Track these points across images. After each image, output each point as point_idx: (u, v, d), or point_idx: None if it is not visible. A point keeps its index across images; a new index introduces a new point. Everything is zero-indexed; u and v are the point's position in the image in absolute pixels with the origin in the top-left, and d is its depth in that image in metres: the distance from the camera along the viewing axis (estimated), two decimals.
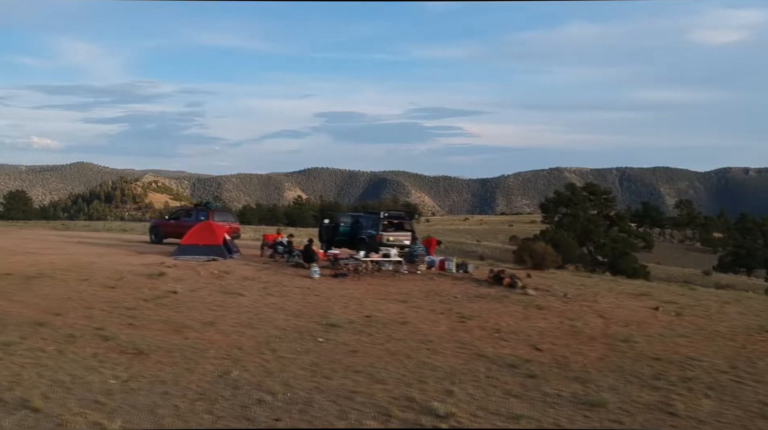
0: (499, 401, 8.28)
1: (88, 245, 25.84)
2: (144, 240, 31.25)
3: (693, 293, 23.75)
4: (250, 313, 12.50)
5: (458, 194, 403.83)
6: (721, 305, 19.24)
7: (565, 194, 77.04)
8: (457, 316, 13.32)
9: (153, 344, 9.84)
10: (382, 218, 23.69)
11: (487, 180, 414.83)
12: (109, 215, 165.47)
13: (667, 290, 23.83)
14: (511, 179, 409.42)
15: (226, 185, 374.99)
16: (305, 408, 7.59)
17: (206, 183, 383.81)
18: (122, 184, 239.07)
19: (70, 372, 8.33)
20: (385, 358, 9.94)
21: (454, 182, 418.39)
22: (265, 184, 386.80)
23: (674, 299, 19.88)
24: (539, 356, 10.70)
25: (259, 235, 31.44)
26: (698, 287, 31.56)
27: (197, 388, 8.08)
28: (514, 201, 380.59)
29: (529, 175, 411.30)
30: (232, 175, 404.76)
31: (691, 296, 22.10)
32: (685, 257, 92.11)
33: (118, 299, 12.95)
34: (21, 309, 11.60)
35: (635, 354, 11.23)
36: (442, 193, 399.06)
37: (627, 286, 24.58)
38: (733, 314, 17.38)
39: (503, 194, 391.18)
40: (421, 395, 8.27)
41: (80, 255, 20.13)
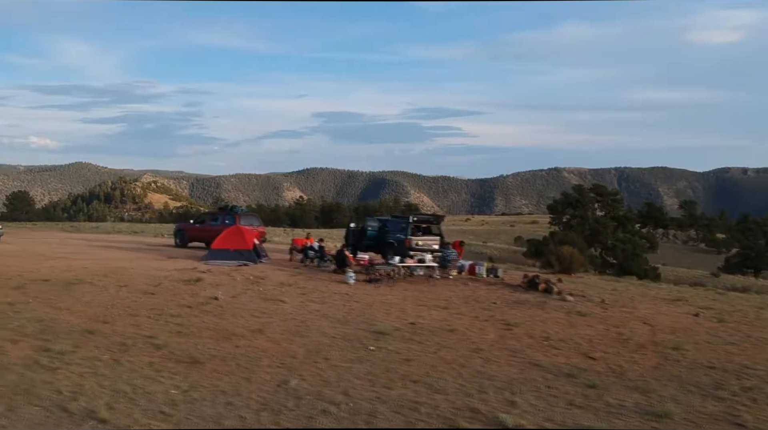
0: (563, 412, 8.13)
1: (115, 249, 25.90)
2: (166, 243, 31.32)
3: (725, 298, 23.47)
4: (295, 320, 12.40)
5: (457, 194, 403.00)
6: (757, 311, 18.99)
7: (572, 195, 77.09)
8: (502, 323, 13.16)
9: (206, 352, 9.76)
10: (411, 223, 23.54)
11: (485, 180, 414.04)
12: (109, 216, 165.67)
13: (700, 295, 23.52)
14: (510, 179, 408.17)
15: (225, 185, 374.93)
16: (370, 419, 7.48)
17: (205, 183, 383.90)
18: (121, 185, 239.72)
19: (129, 382, 8.26)
20: (439, 367, 9.81)
21: (453, 182, 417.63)
22: (263, 185, 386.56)
23: (709, 304, 19.62)
24: (593, 364, 10.53)
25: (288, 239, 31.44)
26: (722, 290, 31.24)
27: (259, 398, 7.98)
28: (513, 201, 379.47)
29: (527, 176, 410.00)
30: (231, 175, 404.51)
31: (724, 301, 21.84)
32: (690, 258, 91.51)
33: (160, 306, 12.90)
34: (68, 316, 11.57)
35: (689, 362, 11.03)
36: (441, 194, 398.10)
37: (659, 291, 24.32)
38: (760, 320, 17.14)
39: (502, 194, 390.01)
40: (484, 406, 8.14)
41: (111, 260, 20.14)
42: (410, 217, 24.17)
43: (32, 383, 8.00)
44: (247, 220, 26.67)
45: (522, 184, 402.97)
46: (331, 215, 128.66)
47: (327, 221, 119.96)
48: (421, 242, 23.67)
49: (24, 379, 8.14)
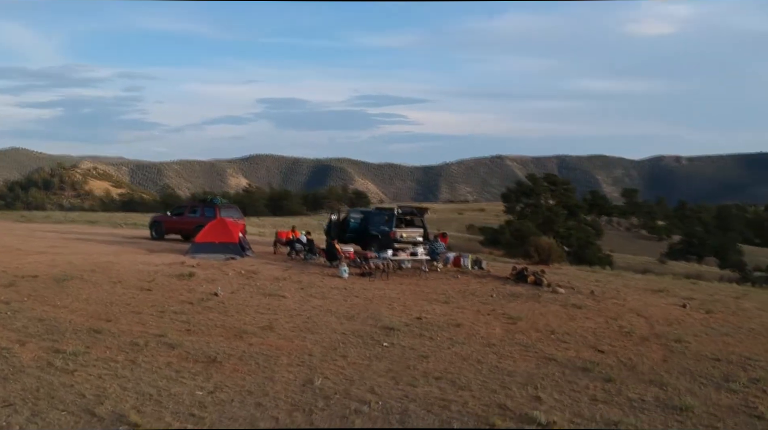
0: (589, 407, 8.22)
1: (90, 242, 25.22)
2: (140, 235, 30.65)
3: (700, 288, 24.08)
4: (301, 316, 12.27)
5: (402, 182, 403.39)
6: (736, 301, 19.48)
7: (526, 184, 78.95)
8: (505, 317, 13.24)
9: (221, 351, 9.59)
10: (397, 215, 23.50)
11: (430, 168, 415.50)
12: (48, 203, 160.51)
13: (677, 285, 24.03)
14: (454, 167, 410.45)
15: (167, 172, 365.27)
16: (404, 418, 7.45)
17: (146, 170, 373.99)
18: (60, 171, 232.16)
19: (152, 383, 8.07)
20: (457, 363, 9.82)
21: (398, 170, 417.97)
22: (207, 171, 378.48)
23: (689, 295, 20.04)
24: (604, 358, 10.68)
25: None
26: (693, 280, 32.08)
27: (287, 398, 7.88)
28: (458, 189, 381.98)
29: (471, 163, 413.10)
30: (173, 161, 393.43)
31: (700, 291, 22.38)
32: (633, 245, 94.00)
33: (161, 303, 12.63)
34: (69, 315, 11.24)
35: (693, 355, 11.26)
36: (386, 181, 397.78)
37: (638, 281, 24.79)
38: (752, 310, 17.60)
39: (446, 182, 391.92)
40: (511, 402, 8.18)
41: (93, 254, 19.61)
42: (395, 209, 24.11)
43: (52, 387, 7.75)
44: (227, 212, 26.23)
45: (466, 172, 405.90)
46: (280, 203, 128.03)
47: (276, 209, 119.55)
48: (405, 234, 23.65)
49: (42, 382, 7.89)
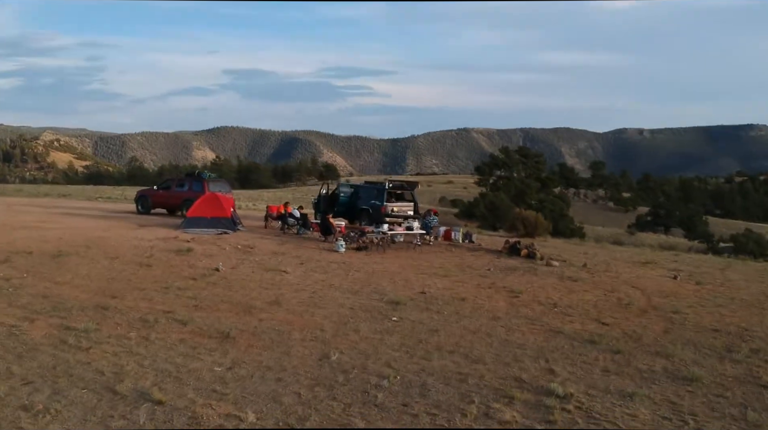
0: (601, 378, 8.38)
1: (78, 217, 24.82)
2: (125, 209, 30.27)
3: (683, 260, 24.55)
4: (306, 291, 12.27)
5: (369, 154, 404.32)
6: (722, 272, 19.88)
7: (500, 157, 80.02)
8: (506, 290, 13.37)
9: (233, 327, 9.56)
10: (387, 189, 23.47)
11: (397, 140, 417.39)
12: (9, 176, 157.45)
13: (661, 256, 24.45)
14: (421, 139, 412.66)
15: (131, 144, 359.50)
16: (424, 392, 7.52)
17: (109, 142, 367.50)
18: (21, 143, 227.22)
19: (168, 360, 8.04)
20: (467, 337, 9.92)
21: (366, 142, 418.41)
22: (172, 143, 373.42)
23: (675, 266, 20.39)
24: (608, 330, 10.86)
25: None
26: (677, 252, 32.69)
27: (306, 373, 7.91)
28: (424, 161, 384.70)
29: (438, 136, 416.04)
30: (137, 133, 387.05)
31: (684, 262, 22.78)
32: (600, 216, 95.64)
33: (163, 279, 12.53)
34: (72, 291, 11.11)
35: (693, 326, 11.49)
36: (353, 153, 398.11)
37: (623, 253, 25.19)
38: (739, 281, 17.96)
39: (413, 154, 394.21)
40: (526, 375, 8.30)
41: (83, 229, 19.33)
42: (386, 183, 24.07)
43: (69, 364, 7.68)
44: (216, 186, 25.95)
45: (432, 144, 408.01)
46: (249, 176, 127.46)
47: (245, 182, 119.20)
48: (396, 208, 23.68)
49: (58, 360, 7.81)
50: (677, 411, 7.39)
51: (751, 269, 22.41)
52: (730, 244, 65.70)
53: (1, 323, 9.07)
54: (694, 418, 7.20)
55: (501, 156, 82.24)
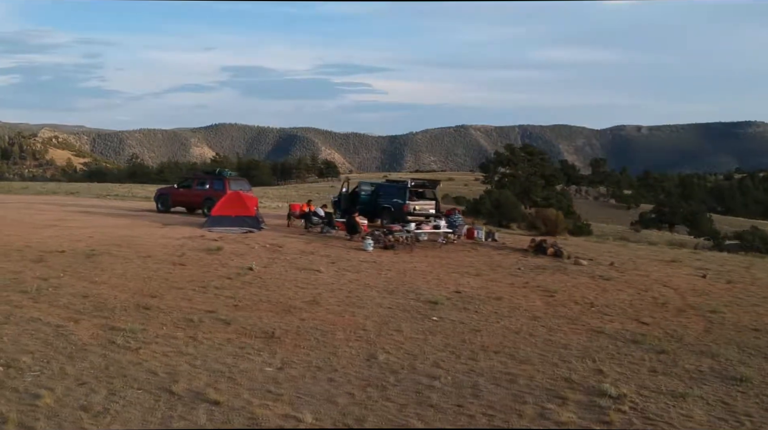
0: (650, 378, 8.33)
1: (96, 215, 24.81)
2: (144, 208, 30.38)
3: (706, 258, 24.40)
4: (342, 291, 12.26)
5: (368, 151, 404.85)
6: (747, 271, 19.72)
7: (504, 155, 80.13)
8: (541, 290, 13.33)
9: (277, 327, 9.57)
10: (410, 187, 23.43)
11: (396, 137, 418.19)
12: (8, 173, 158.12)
13: (682, 254, 24.25)
14: (419, 136, 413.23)
15: (129, 141, 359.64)
16: (476, 392, 7.50)
17: (107, 139, 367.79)
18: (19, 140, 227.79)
19: (219, 360, 8.05)
20: (509, 337, 9.89)
21: (364, 139, 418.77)
22: (170, 140, 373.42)
23: (700, 265, 20.26)
24: (649, 329, 10.81)
25: None
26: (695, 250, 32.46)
27: (356, 373, 7.90)
28: (422, 158, 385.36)
29: (436, 133, 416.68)
30: (135, 130, 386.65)
31: (708, 260, 22.64)
32: (603, 213, 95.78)
33: (199, 278, 12.55)
34: (110, 291, 11.14)
35: (733, 326, 11.42)
36: (352, 150, 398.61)
37: (645, 251, 25.07)
38: (766, 279, 17.81)
39: (412, 151, 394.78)
40: (575, 375, 8.27)
41: (107, 228, 19.39)
42: (408, 181, 24.03)
43: (120, 365, 7.70)
44: (237, 184, 26.00)
45: (431, 141, 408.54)
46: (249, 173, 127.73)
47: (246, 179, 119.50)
48: (418, 206, 23.63)
49: (109, 360, 7.83)
50: (731, 412, 7.34)
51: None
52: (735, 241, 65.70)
53: (47, 323, 9.10)
54: (750, 419, 7.15)
55: (506, 153, 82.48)
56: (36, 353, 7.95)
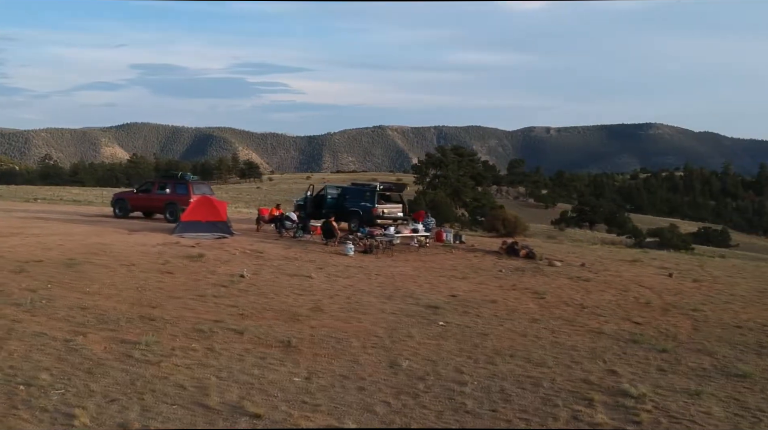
0: (662, 377, 8.69)
1: (57, 222, 23.85)
2: (98, 213, 29.47)
3: (660, 256, 25.44)
4: (339, 297, 12.25)
5: (286, 151, 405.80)
6: (701, 268, 20.65)
7: (436, 156, 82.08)
8: (530, 292, 13.65)
9: (290, 335, 9.50)
10: (379, 191, 23.50)
11: (314, 137, 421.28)
12: None
13: (633, 254, 25.14)
14: (338, 137, 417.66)
15: (35, 141, 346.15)
16: (505, 397, 7.67)
17: (11, 138, 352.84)
18: None
19: (244, 371, 7.96)
20: (517, 340, 10.11)
21: (282, 139, 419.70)
22: (79, 140, 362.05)
23: (659, 264, 21.11)
24: (643, 329, 11.25)
25: None
26: (645, 250, 33.71)
27: (384, 381, 7.95)
28: (341, 158, 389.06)
29: (354, 133, 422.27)
30: (41, 129, 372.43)
31: (662, 259, 23.59)
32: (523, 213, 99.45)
33: (192, 287, 12.30)
34: (107, 302, 10.80)
35: (717, 323, 12.00)
36: (269, 151, 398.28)
37: (600, 251, 25.95)
38: (724, 277, 18.74)
39: (330, 152, 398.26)
40: (592, 377, 8.55)
41: (75, 235, 18.68)
42: (377, 185, 24.10)
43: (146, 379, 7.51)
44: (200, 188, 25.50)
45: (349, 142, 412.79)
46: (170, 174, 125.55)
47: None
48: (386, 210, 23.72)
49: (132, 375, 7.62)
50: (745, 408, 7.74)
51: (725, 265, 23.35)
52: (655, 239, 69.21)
53: (54, 338, 8.77)
54: (766, 415, 7.55)
55: (437, 155, 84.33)
56: (52, 369, 7.67)
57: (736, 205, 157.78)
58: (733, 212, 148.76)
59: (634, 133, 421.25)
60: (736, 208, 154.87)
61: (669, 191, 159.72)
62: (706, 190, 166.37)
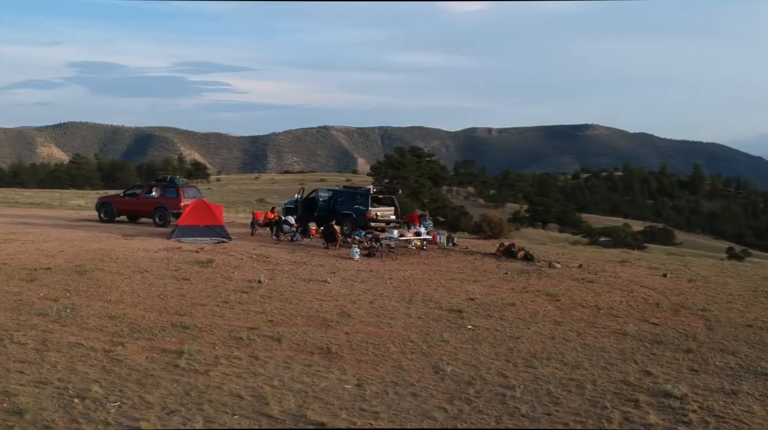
0: (696, 377, 8.97)
1: (45, 227, 23.01)
2: (84, 218, 28.88)
3: (643, 256, 26.00)
4: (361, 301, 12.29)
5: (229, 151, 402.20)
6: (687, 268, 21.12)
7: (395, 157, 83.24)
8: (544, 295, 13.84)
9: (327, 342, 9.54)
10: (373, 194, 23.52)
11: (258, 137, 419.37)
12: None
13: (627, 254, 25.63)
14: (282, 137, 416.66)
15: None
16: (554, 400, 7.84)
17: None
18: None
19: (295, 379, 7.98)
20: (547, 343, 10.29)
21: (225, 139, 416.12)
22: (13, 140, 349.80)
23: (647, 264, 21.49)
24: (662, 329, 11.52)
25: None
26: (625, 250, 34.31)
27: (434, 387, 8.04)
28: (285, 158, 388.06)
29: (298, 133, 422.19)
30: None
31: (647, 259, 24.02)
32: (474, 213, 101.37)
33: (213, 293, 12.20)
34: (133, 310, 10.66)
35: (727, 322, 12.32)
36: (212, 151, 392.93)
37: (585, 252, 26.29)
38: (712, 277, 19.13)
39: (274, 152, 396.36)
40: (630, 378, 8.77)
41: (72, 241, 18.21)
42: (371, 188, 24.12)
43: (200, 389, 7.47)
44: (190, 192, 25.20)
45: (293, 142, 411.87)
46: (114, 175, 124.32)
47: (109, 181, 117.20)
48: (379, 213, 23.76)
49: (184, 385, 7.58)
50: None
51: (705, 265, 23.90)
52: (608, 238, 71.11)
53: (92, 348, 8.65)
54: None
55: (396, 156, 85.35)
56: (102, 381, 7.57)
57: (673, 204, 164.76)
58: (671, 211, 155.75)
59: (573, 134, 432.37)
60: (673, 206, 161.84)
61: (610, 191, 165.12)
62: (645, 190, 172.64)
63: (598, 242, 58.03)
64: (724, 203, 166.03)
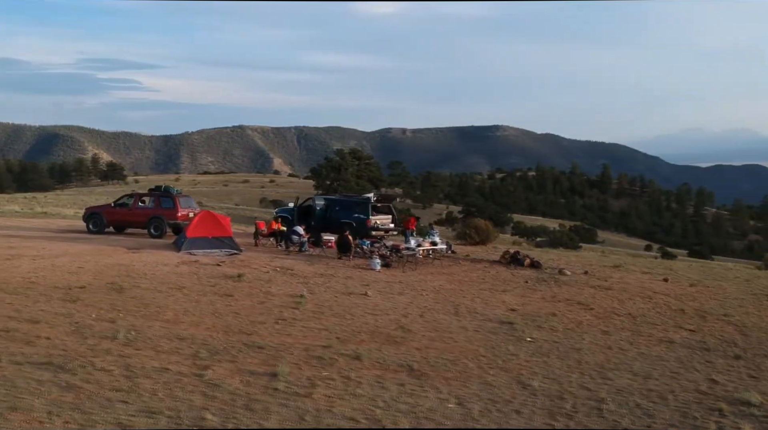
0: (758, 383, 9.52)
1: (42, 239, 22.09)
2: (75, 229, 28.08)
3: (631, 261, 26.87)
4: (412, 315, 12.47)
5: (141, 151, 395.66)
6: (675, 272, 22.01)
7: (335, 160, 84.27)
8: (576, 303, 14.31)
9: (406, 360, 9.70)
10: (372, 202, 23.67)
11: (170, 137, 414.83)
12: None
13: (621, 259, 26.48)
14: (196, 136, 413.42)
15: None
16: (646, 412, 8.20)
17: None
18: None
19: (398, 399, 8.12)
20: (608, 353, 10.72)
21: (135, 139, 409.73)
22: None
23: (639, 269, 22.28)
24: (701, 336, 12.10)
25: None
26: None
27: (531, 403, 8.31)
28: (199, 158, 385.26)
29: (212, 133, 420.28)
30: None
31: (634, 264, 24.82)
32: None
33: (264, 310, 12.16)
34: (196, 331, 10.56)
35: (756, 328, 13.05)
36: (122, 151, 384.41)
37: (576, 257, 27.10)
38: (705, 280, 20.01)
39: (188, 152, 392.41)
40: (701, 386, 9.22)
41: (83, 256, 17.50)
42: (371, 196, 24.26)
43: (313, 414, 7.52)
44: (186, 202, 24.84)
45: (207, 142, 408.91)
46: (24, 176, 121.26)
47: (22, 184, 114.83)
48: (379, 221, 23.93)
49: (295, 410, 7.61)
50: None
51: (686, 268, 25.00)
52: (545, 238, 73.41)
53: (181, 373, 8.57)
54: None
55: (336, 158, 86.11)
56: (210, 408, 7.52)
57: (584, 202, 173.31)
58: (583, 210, 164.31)
59: (483, 135, 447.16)
60: (583, 205, 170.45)
61: (524, 190, 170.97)
62: (557, 189, 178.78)
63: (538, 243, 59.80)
64: (630, 202, 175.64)
